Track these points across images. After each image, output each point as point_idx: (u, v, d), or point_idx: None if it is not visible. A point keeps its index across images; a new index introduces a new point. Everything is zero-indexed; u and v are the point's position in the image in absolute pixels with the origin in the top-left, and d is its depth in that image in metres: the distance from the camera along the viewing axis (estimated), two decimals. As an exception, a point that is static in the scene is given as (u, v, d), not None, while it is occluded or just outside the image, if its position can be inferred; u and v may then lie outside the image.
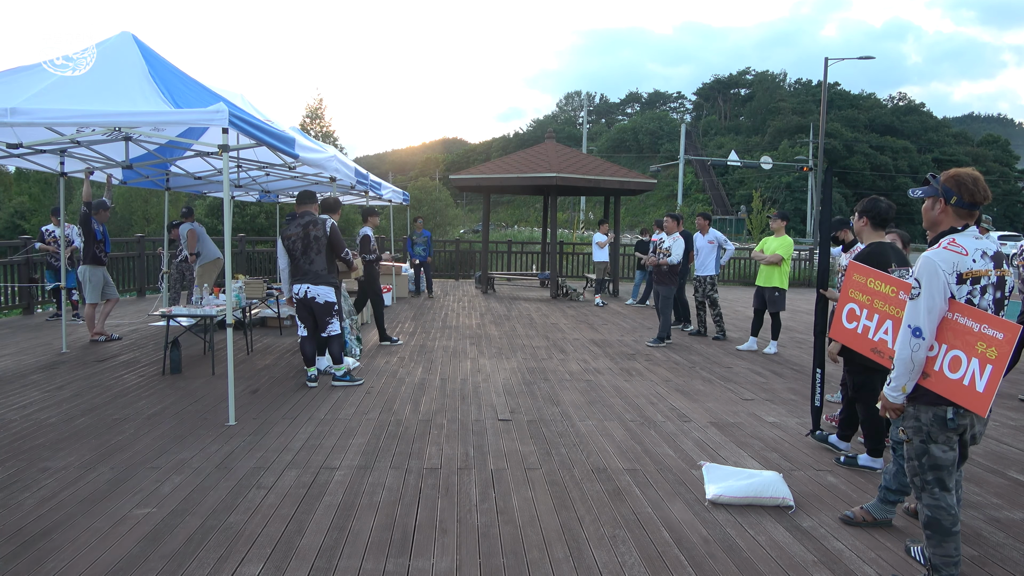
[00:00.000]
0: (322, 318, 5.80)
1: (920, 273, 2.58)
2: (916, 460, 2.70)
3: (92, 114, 4.53)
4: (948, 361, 2.57)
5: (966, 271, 2.54)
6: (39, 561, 2.85)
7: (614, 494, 3.70)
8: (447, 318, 10.29)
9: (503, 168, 13.49)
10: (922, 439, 2.67)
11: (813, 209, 45.26)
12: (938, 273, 2.54)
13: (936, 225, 2.71)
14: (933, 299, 2.54)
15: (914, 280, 2.61)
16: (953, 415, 2.59)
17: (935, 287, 2.54)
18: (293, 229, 5.76)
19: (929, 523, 2.69)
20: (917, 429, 2.68)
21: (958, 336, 2.55)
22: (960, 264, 2.54)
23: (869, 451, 4.19)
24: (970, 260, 2.55)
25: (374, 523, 3.28)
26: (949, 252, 2.56)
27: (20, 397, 5.39)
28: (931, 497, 2.67)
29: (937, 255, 2.56)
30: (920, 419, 2.67)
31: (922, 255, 2.60)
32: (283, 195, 11.70)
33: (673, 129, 74.53)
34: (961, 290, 2.55)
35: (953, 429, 2.60)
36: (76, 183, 29.47)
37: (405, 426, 4.84)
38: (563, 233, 33.95)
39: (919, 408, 2.67)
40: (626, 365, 7.08)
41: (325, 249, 5.77)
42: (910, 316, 2.61)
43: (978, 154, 64.73)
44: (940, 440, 2.63)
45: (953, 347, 2.57)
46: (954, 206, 2.64)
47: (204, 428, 4.68)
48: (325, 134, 30.30)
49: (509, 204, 70.51)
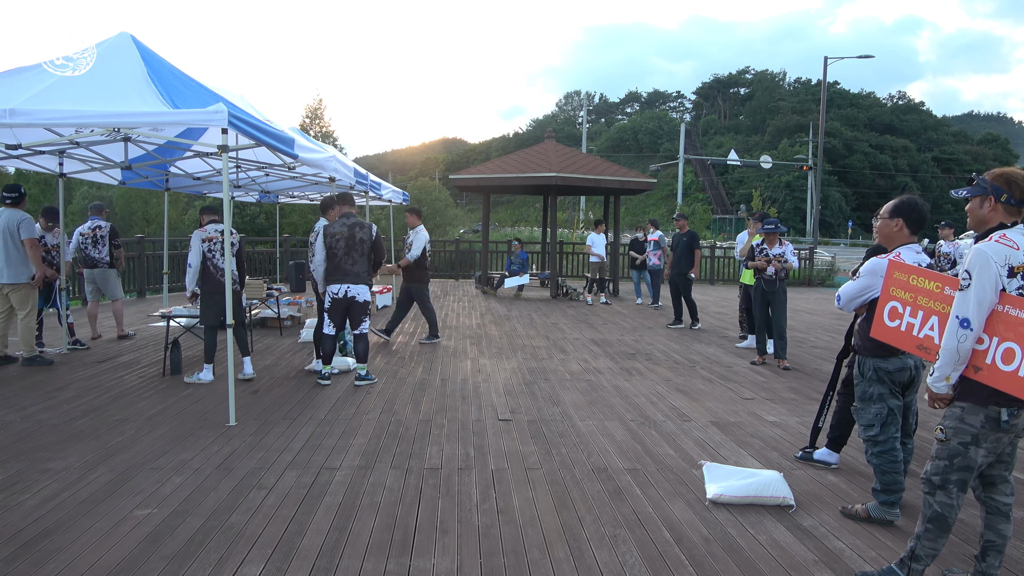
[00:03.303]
0: (358, 316, 5.97)
1: (972, 264, 2.55)
2: (947, 460, 2.63)
3: (91, 115, 4.53)
4: (1001, 353, 2.53)
5: (1018, 264, 2.53)
6: (40, 562, 2.85)
7: (615, 494, 3.70)
8: (447, 318, 10.28)
9: (503, 168, 13.49)
10: (963, 441, 2.59)
11: (812, 208, 45.25)
12: (990, 265, 2.51)
13: (984, 223, 2.70)
14: (984, 290, 2.51)
15: (964, 272, 2.58)
16: (1008, 416, 2.52)
17: (986, 279, 2.51)
18: (338, 228, 5.87)
19: (934, 518, 2.66)
20: (960, 431, 2.60)
21: (1011, 328, 2.52)
22: (1012, 257, 2.53)
23: (829, 443, 4.18)
24: (1021, 254, 2.54)
25: (375, 523, 3.28)
26: (1001, 245, 2.54)
27: (21, 398, 5.38)
28: (948, 496, 2.63)
29: (990, 247, 2.54)
30: (966, 420, 2.59)
31: (974, 247, 2.59)
32: (283, 196, 11.70)
33: (673, 128, 74.52)
34: (1012, 283, 2.53)
35: (1006, 431, 2.55)
36: (76, 184, 29.46)
37: (406, 426, 4.84)
38: (563, 233, 33.94)
39: (967, 409, 2.60)
40: (626, 365, 7.07)
41: (368, 252, 5.92)
42: (959, 307, 2.57)
43: (978, 153, 64.76)
44: (987, 442, 2.57)
45: (1005, 339, 2.53)
46: (1004, 203, 2.64)
47: (204, 429, 4.67)
48: (325, 134, 30.31)
49: (509, 204, 70.54)
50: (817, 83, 77.53)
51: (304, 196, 11.82)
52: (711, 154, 66.41)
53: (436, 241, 18.91)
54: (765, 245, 7.08)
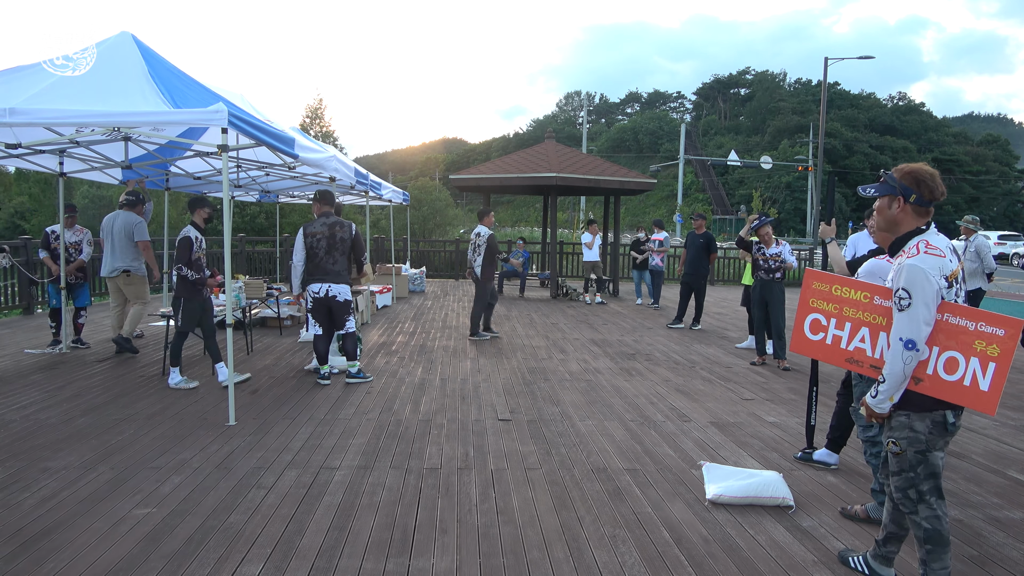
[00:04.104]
0: (341, 316, 5.96)
1: (910, 283, 2.41)
2: (911, 471, 2.55)
3: (91, 114, 4.53)
4: (943, 363, 2.45)
5: (950, 273, 2.44)
6: (39, 561, 2.85)
7: (614, 494, 3.70)
8: (447, 318, 10.28)
9: (503, 168, 13.49)
10: (919, 449, 2.52)
11: (813, 209, 45.26)
12: (930, 281, 2.39)
13: (896, 225, 2.56)
14: (929, 308, 2.40)
15: (902, 291, 2.44)
16: (954, 419, 2.49)
17: (929, 296, 2.40)
18: (318, 228, 5.87)
19: (929, 536, 2.54)
20: (913, 439, 2.53)
21: (952, 337, 2.44)
22: (944, 268, 2.42)
23: (828, 444, 4.18)
24: (948, 261, 2.44)
25: (374, 523, 3.28)
26: (934, 258, 2.42)
27: (20, 397, 5.39)
28: (929, 508, 2.54)
29: (924, 262, 2.41)
30: (915, 428, 2.52)
31: (907, 264, 2.44)
32: (283, 195, 11.71)
33: (673, 129, 74.54)
34: (949, 293, 2.45)
35: (953, 433, 2.52)
36: (76, 183, 29.43)
37: (405, 426, 4.84)
38: (563, 233, 33.94)
39: (912, 417, 2.53)
40: (626, 365, 7.08)
41: (348, 251, 5.93)
42: (902, 329, 2.44)
43: (978, 154, 64.71)
44: (939, 447, 2.52)
45: (947, 348, 2.45)
46: (913, 204, 2.51)
47: (204, 428, 4.68)
48: (325, 134, 30.29)
49: (509, 204, 70.56)
50: (817, 84, 77.58)
51: (304, 196, 11.83)
52: (711, 155, 66.44)
53: (436, 241, 18.88)
54: (762, 244, 7.12)
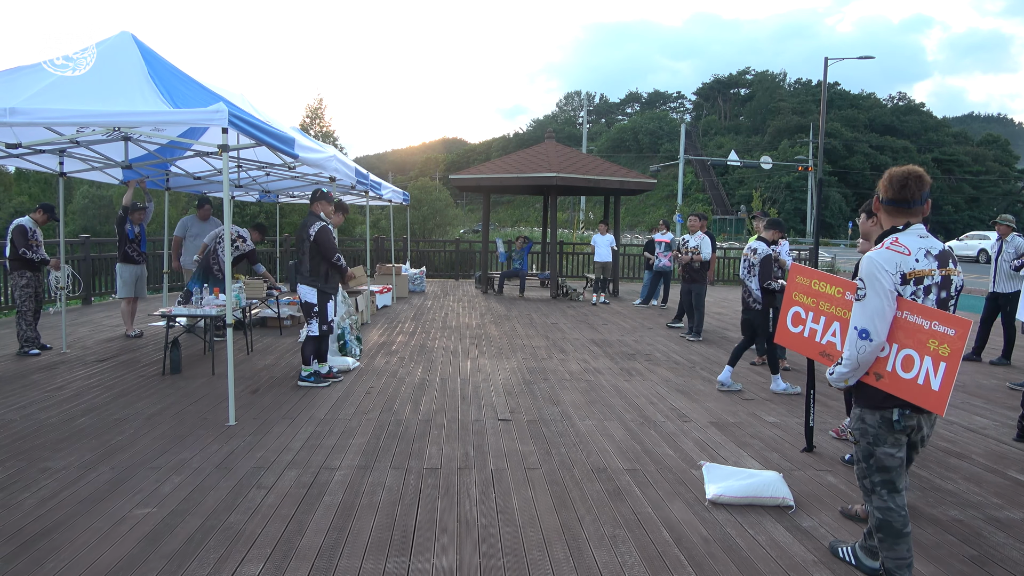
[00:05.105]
0: (305, 317, 5.96)
1: (864, 274, 2.53)
2: (864, 462, 2.66)
3: (91, 114, 4.53)
4: (901, 361, 2.51)
5: (909, 271, 2.49)
6: (39, 561, 2.85)
7: (614, 494, 3.70)
8: (447, 318, 10.29)
9: (503, 168, 13.49)
10: (869, 441, 2.62)
11: (812, 209, 45.28)
12: (881, 273, 2.49)
13: (867, 234, 2.68)
14: (881, 299, 2.48)
15: (860, 281, 2.56)
16: (899, 416, 2.54)
17: (880, 287, 2.49)
18: (299, 229, 5.96)
19: (880, 526, 2.63)
20: (863, 432, 2.65)
21: (909, 335, 2.49)
22: (903, 264, 2.49)
23: None
24: (913, 260, 2.49)
25: (374, 523, 3.28)
26: (891, 252, 2.51)
27: (20, 397, 5.39)
28: (880, 499, 2.62)
29: (879, 255, 2.52)
30: (865, 421, 2.64)
31: (865, 256, 2.57)
32: (283, 195, 11.70)
33: (673, 129, 74.47)
34: (905, 290, 2.50)
35: (900, 431, 2.57)
36: (76, 183, 29.43)
37: (405, 426, 4.84)
38: (563, 233, 33.95)
39: (864, 411, 2.64)
40: (626, 365, 7.08)
41: (310, 251, 5.83)
42: (857, 318, 2.56)
43: (978, 154, 64.71)
44: (887, 443, 2.58)
45: (905, 346, 2.50)
46: (884, 204, 2.62)
47: (204, 428, 4.68)
48: (325, 134, 30.30)
49: (509, 204, 70.54)
50: (817, 84, 77.54)
51: (304, 196, 11.82)
52: (711, 154, 66.39)
53: (436, 241, 18.88)
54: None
